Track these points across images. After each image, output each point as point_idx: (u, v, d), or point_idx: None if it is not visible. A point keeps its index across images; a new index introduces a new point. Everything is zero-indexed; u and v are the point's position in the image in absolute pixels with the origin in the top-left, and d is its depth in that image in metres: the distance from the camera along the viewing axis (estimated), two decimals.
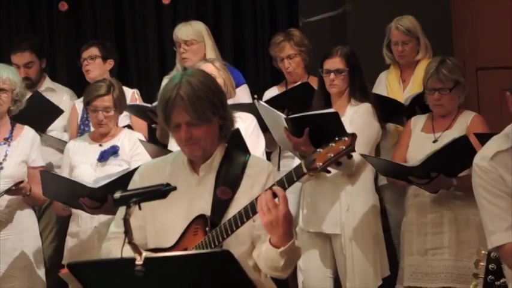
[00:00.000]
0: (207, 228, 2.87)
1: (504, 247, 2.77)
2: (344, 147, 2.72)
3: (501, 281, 2.46)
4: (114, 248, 2.89)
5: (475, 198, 2.92)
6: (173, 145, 4.17)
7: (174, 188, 2.60)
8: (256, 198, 2.77)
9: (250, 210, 2.79)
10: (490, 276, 2.48)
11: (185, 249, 2.87)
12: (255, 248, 2.92)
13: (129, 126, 4.85)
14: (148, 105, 4.72)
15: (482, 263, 2.51)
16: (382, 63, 5.06)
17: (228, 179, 2.93)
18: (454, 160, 3.92)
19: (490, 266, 2.50)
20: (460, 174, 4.04)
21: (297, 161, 4.10)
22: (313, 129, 4.00)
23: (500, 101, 4.01)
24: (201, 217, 2.90)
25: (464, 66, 5.69)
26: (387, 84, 4.92)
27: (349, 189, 4.19)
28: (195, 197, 2.94)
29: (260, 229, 2.85)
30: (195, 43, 5.05)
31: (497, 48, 5.85)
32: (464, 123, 4.17)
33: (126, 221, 2.48)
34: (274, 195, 2.74)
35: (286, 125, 4.07)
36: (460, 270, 4.02)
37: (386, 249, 4.32)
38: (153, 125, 4.87)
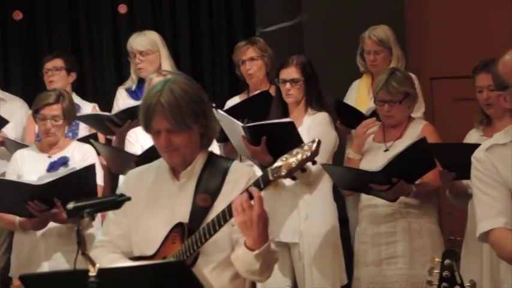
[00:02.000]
0: (184, 237, 2.87)
1: (491, 233, 2.82)
2: (308, 154, 2.74)
3: None
4: (99, 257, 2.86)
5: (472, 188, 2.95)
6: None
7: (128, 199, 2.59)
8: (230, 204, 2.78)
9: (226, 215, 2.79)
10: (444, 284, 2.52)
11: (164, 258, 2.88)
12: (233, 252, 2.90)
13: (94, 136, 4.79)
14: (105, 113, 4.69)
15: (436, 271, 2.55)
16: (338, 72, 5.09)
17: (209, 186, 2.93)
18: (413, 164, 3.96)
19: (444, 273, 2.53)
20: (418, 182, 4.08)
21: (257, 169, 4.12)
22: (270, 138, 4.02)
23: (453, 110, 4.08)
24: (179, 225, 2.90)
25: (418, 76, 5.78)
26: (357, 92, 4.96)
27: (308, 198, 4.21)
28: (176, 204, 2.95)
29: (238, 233, 2.85)
30: (150, 53, 5.04)
31: (450, 58, 5.92)
32: (415, 132, 4.22)
33: (78, 233, 2.46)
34: (251, 196, 2.75)
35: (243, 134, 4.09)
36: (415, 278, 4.06)
37: (348, 258, 4.35)
38: (108, 136, 4.84)
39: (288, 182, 4.15)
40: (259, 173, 3.90)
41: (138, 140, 4.38)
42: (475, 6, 5.99)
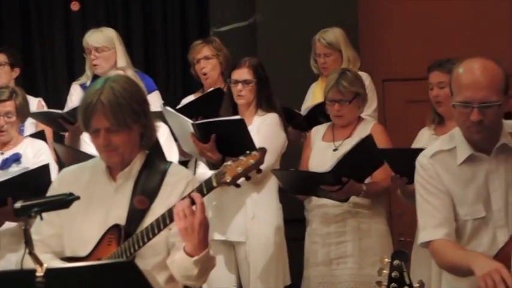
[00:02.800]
0: (121, 239, 2.84)
1: (431, 244, 2.86)
2: (253, 162, 2.75)
3: None
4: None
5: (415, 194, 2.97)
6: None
7: (78, 198, 2.56)
8: (170, 209, 2.76)
9: (166, 219, 2.77)
10: (393, 284, 2.54)
11: (99, 260, 2.84)
12: (170, 256, 2.89)
13: (42, 133, 4.74)
14: (58, 111, 4.65)
15: (385, 271, 2.57)
16: (292, 73, 5.11)
17: (146, 188, 2.90)
18: (361, 162, 3.99)
19: (393, 273, 2.55)
20: (368, 181, 4.10)
21: (204, 166, 4.11)
22: (220, 136, 4.02)
23: (405, 112, 4.12)
24: (115, 227, 2.87)
25: (371, 77, 5.82)
26: (313, 94, 4.99)
27: (255, 197, 4.23)
28: (112, 205, 2.92)
29: (175, 236, 2.84)
30: (106, 50, 5.01)
31: (402, 60, 5.98)
32: (364, 132, 4.26)
33: (25, 232, 2.43)
34: (192, 202, 2.73)
35: (193, 131, 4.08)
36: (363, 278, 4.09)
37: (299, 257, 4.36)
38: (61, 132, 4.78)
39: None
40: (205, 170, 3.93)
41: None
42: (427, 8, 6.05)
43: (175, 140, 4.35)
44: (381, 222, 4.19)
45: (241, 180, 4.03)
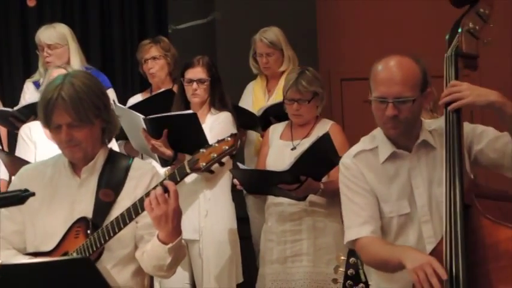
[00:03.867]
0: (88, 231, 2.84)
1: (357, 241, 2.88)
2: (227, 147, 2.76)
3: (359, 285, 2.52)
4: None
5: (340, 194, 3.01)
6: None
7: (33, 194, 2.53)
8: (140, 199, 2.77)
9: (133, 212, 2.78)
10: (348, 281, 2.56)
11: (65, 253, 2.84)
12: (138, 249, 2.90)
13: None
14: (9, 109, 4.58)
15: (341, 269, 2.58)
16: (251, 71, 5.10)
17: (111, 182, 2.91)
18: (319, 161, 4.00)
19: (349, 271, 2.57)
20: (325, 180, 4.13)
21: (158, 167, 4.09)
22: (172, 131, 4.02)
23: (363, 111, 4.13)
24: (82, 220, 2.87)
25: (329, 77, 5.84)
26: (253, 94, 4.98)
27: (208, 195, 4.24)
28: (76, 199, 2.91)
29: (143, 229, 2.87)
30: (59, 47, 4.95)
31: (360, 59, 6.00)
32: (322, 132, 4.26)
33: None
34: (165, 190, 2.74)
35: (144, 126, 4.08)
36: (319, 276, 4.10)
37: (247, 256, 4.37)
38: (16, 131, 4.72)
39: (188, 178, 4.14)
40: (158, 168, 3.93)
41: (31, 137, 4.29)
42: (385, 9, 6.10)
43: (116, 139, 4.31)
44: (336, 221, 4.20)
45: (189, 177, 4.09)
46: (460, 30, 2.81)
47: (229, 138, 2.77)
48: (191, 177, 4.16)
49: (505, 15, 5.69)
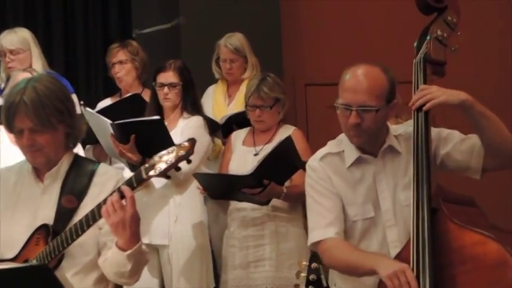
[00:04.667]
0: (49, 238, 2.81)
1: (321, 243, 2.89)
2: (184, 153, 2.75)
3: None
4: None
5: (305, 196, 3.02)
6: None
7: None
8: (98, 206, 2.74)
9: (91, 218, 2.76)
10: (310, 287, 2.56)
11: (26, 260, 2.81)
12: (101, 255, 2.88)
13: None
14: None
15: (303, 274, 2.59)
16: (215, 76, 5.09)
17: (75, 188, 2.88)
18: (281, 164, 4.01)
19: (311, 276, 2.57)
20: (288, 184, 4.13)
21: (128, 171, 4.08)
22: (140, 137, 4.01)
23: (327, 117, 4.13)
24: (43, 227, 2.84)
25: (294, 82, 5.85)
26: (214, 98, 4.97)
27: (178, 200, 4.22)
28: (39, 206, 2.89)
29: (106, 236, 2.84)
30: (21, 52, 4.92)
31: (325, 65, 6.03)
32: (284, 137, 4.27)
33: None
34: (122, 196, 2.72)
35: (112, 131, 4.06)
36: (281, 281, 4.10)
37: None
38: None
39: (158, 183, 4.14)
40: (127, 173, 3.90)
41: None
42: (350, 14, 6.13)
43: (83, 143, 4.28)
44: (298, 226, 4.22)
45: (159, 183, 4.08)
46: (428, 37, 2.85)
47: (186, 143, 2.76)
48: (161, 183, 4.14)
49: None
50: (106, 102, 5.04)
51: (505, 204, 6.28)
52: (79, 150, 4.15)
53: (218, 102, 4.91)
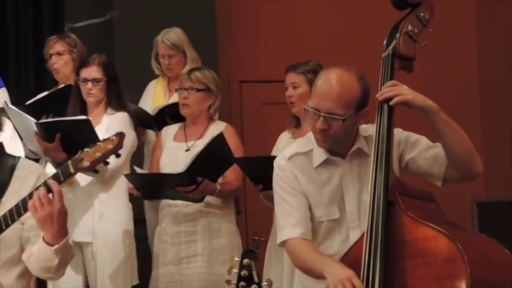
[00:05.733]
0: None
1: (287, 242, 2.89)
2: (112, 147, 2.72)
3: (252, 287, 2.52)
4: None
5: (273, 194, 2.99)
6: None
7: None
8: (23, 200, 2.70)
9: (15, 213, 2.71)
10: (241, 283, 2.55)
11: None
12: (25, 251, 2.84)
13: None
14: None
15: (234, 270, 2.57)
16: (149, 71, 5.04)
17: None
18: (214, 161, 3.99)
19: (242, 272, 2.56)
20: (221, 180, 4.12)
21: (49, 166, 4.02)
22: (65, 135, 3.96)
23: (262, 114, 4.16)
24: None
25: (228, 79, 5.83)
26: (154, 94, 4.92)
27: (103, 197, 4.17)
28: None
29: (30, 231, 2.80)
30: None
31: (260, 62, 6.04)
32: (216, 133, 4.26)
33: None
34: (48, 190, 2.68)
35: (36, 130, 4.01)
36: (213, 276, 4.09)
37: (144, 258, 4.32)
38: None
39: (83, 181, 4.10)
40: (51, 170, 3.84)
41: None
42: (285, 11, 6.15)
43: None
44: (231, 222, 4.22)
45: (84, 180, 4.03)
46: (398, 33, 2.84)
47: (114, 137, 2.73)
48: (86, 180, 4.10)
49: None
50: (41, 95, 4.95)
51: (463, 202, 6.41)
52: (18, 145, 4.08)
53: (158, 98, 4.86)
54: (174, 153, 4.25)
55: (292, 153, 2.98)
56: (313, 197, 2.93)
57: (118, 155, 2.76)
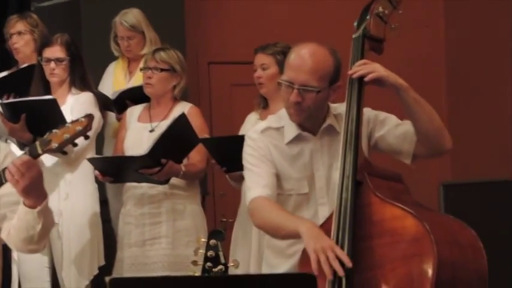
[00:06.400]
0: None
1: (253, 200, 2.90)
2: (81, 128, 2.71)
3: (219, 267, 2.52)
4: None
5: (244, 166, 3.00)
6: None
7: None
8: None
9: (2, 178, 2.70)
10: (208, 263, 2.55)
11: None
12: (2, 229, 2.84)
13: None
14: None
15: (201, 251, 2.57)
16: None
17: None
18: (178, 142, 3.98)
19: (209, 253, 2.56)
20: (186, 162, 4.11)
21: (15, 147, 3.99)
22: (31, 115, 3.94)
23: (231, 95, 4.15)
24: None
25: (197, 60, 5.80)
26: (114, 76, 4.88)
27: (69, 178, 4.16)
28: None
29: (4, 208, 2.81)
30: None
31: (228, 43, 6.02)
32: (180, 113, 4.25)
33: None
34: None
35: (1, 111, 4.00)
36: (177, 258, 4.09)
37: (106, 240, 4.31)
38: None
39: (48, 161, 4.07)
40: (16, 150, 3.81)
41: None
42: None
43: None
44: (195, 203, 4.22)
45: (49, 161, 4.00)
46: (369, 15, 2.85)
47: (83, 119, 2.73)
48: (52, 161, 4.08)
49: None
50: (2, 75, 4.89)
51: (430, 184, 6.45)
52: None
53: (118, 80, 4.83)
54: (138, 134, 4.23)
55: (265, 127, 3.01)
56: (283, 171, 2.95)
57: (87, 137, 2.76)
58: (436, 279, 2.43)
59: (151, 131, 4.19)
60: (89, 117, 2.74)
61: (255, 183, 2.92)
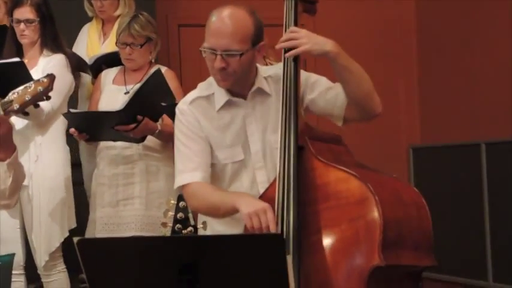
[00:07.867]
0: None
1: (187, 186, 2.89)
2: (42, 89, 2.71)
3: (188, 229, 2.54)
4: None
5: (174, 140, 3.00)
6: None
7: None
8: None
9: None
10: (177, 225, 2.58)
11: None
12: None
13: None
14: None
15: (171, 213, 2.59)
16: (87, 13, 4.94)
17: None
18: (153, 100, 3.96)
19: (178, 215, 2.59)
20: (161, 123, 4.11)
21: None
22: (0, 79, 3.87)
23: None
24: None
25: (167, 22, 5.74)
26: (88, 37, 4.83)
27: (39, 140, 4.12)
28: None
29: None
30: None
31: (199, 5, 5.96)
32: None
33: None
34: None
35: None
36: (150, 219, 4.09)
37: (79, 203, 4.30)
38: None
39: (18, 124, 4.02)
40: None
41: None
42: None
43: None
44: (169, 166, 4.19)
45: (19, 124, 3.96)
46: None
47: (44, 79, 2.72)
48: (22, 123, 4.03)
49: None
50: None
51: (399, 147, 6.49)
52: None
53: (92, 41, 4.78)
54: (113, 95, 4.20)
55: (194, 97, 2.98)
56: (216, 140, 2.94)
57: (48, 97, 2.74)
58: (383, 240, 2.45)
59: (126, 93, 4.17)
60: (50, 76, 2.73)
61: (185, 167, 2.91)
